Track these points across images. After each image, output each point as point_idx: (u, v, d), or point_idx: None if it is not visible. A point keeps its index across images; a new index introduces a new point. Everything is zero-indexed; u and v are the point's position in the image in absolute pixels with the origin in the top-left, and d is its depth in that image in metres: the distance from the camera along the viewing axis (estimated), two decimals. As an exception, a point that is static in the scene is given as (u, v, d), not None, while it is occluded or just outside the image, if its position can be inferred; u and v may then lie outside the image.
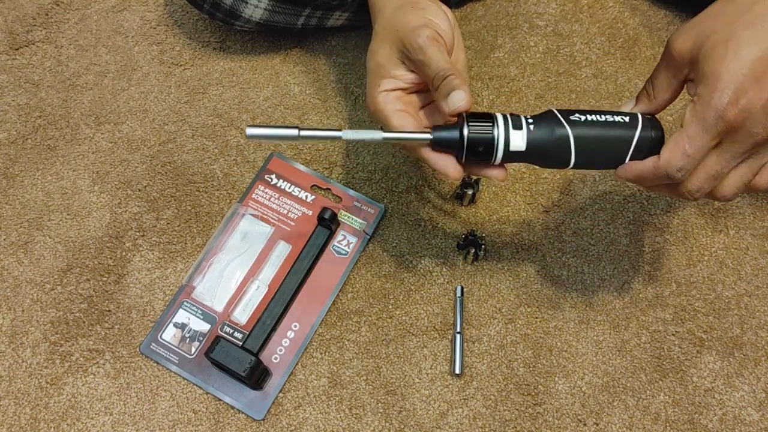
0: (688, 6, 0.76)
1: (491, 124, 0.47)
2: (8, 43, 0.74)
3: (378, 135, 0.46)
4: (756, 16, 0.43)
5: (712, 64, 0.43)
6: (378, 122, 0.51)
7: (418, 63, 0.48)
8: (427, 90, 0.52)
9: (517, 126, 0.47)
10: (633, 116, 0.48)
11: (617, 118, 0.48)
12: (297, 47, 0.74)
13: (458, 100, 0.47)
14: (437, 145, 0.47)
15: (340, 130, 0.46)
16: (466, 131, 0.46)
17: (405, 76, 0.50)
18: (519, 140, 0.47)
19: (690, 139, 0.44)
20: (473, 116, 0.47)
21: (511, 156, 0.47)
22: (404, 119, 0.49)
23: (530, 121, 0.47)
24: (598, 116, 0.48)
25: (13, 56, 0.74)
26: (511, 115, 0.47)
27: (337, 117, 0.70)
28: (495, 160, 0.47)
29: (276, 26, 0.69)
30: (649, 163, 0.46)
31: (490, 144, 0.46)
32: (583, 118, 0.47)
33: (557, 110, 0.48)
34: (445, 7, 0.51)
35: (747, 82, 0.43)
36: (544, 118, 0.47)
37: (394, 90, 0.51)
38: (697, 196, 0.46)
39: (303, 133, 0.45)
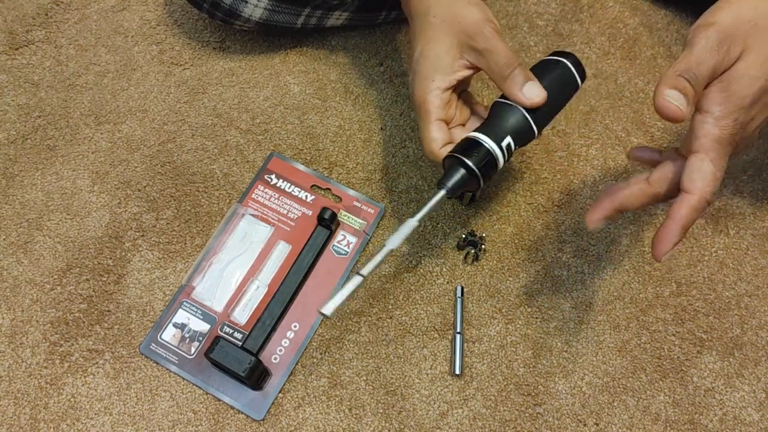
0: (688, 6, 0.76)
1: (478, 143, 0.50)
2: (8, 43, 0.74)
3: (413, 223, 0.50)
4: None
5: (743, 86, 0.43)
6: (417, 113, 0.53)
7: (485, 53, 0.51)
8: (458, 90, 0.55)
9: (491, 131, 0.51)
10: (569, 72, 0.52)
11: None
12: (297, 47, 0.74)
13: (536, 93, 0.50)
14: (452, 192, 0.50)
15: (385, 245, 0.50)
16: (470, 162, 0.49)
17: (461, 72, 0.53)
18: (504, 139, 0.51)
19: (717, 164, 0.44)
20: (459, 150, 0.50)
21: (509, 150, 0.51)
22: (439, 131, 0.52)
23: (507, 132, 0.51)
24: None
25: (13, 56, 0.74)
26: (477, 130, 0.51)
27: (336, 117, 0.70)
28: (499, 164, 0.51)
29: (276, 26, 0.68)
30: (684, 209, 0.44)
31: (491, 156, 0.50)
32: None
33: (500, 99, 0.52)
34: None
35: (754, 107, 0.44)
36: (499, 110, 0.52)
37: (446, 90, 0.53)
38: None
39: (364, 272, 0.49)
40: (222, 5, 0.66)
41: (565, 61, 0.52)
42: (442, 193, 0.50)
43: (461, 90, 0.57)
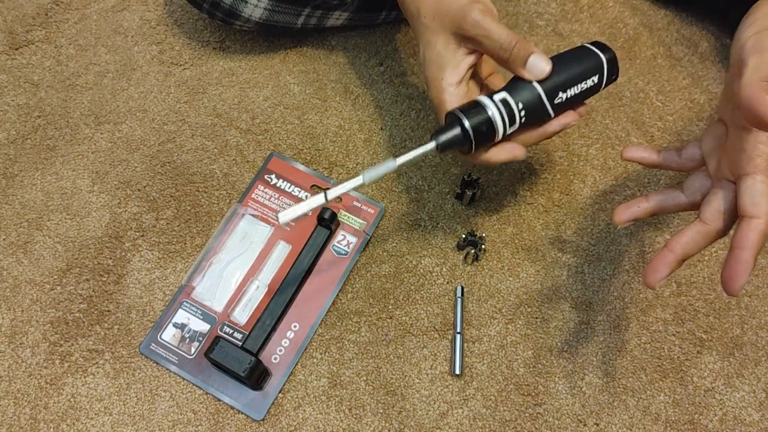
0: (688, 6, 0.76)
1: (481, 106, 0.49)
2: (8, 43, 0.74)
3: (393, 164, 0.49)
4: None
5: None
6: (439, 117, 0.52)
7: (478, 38, 0.48)
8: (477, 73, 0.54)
9: (498, 96, 0.49)
10: (596, 56, 0.51)
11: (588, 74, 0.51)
12: (297, 47, 0.74)
13: (543, 65, 0.48)
14: (442, 148, 0.49)
15: (359, 175, 0.48)
16: (467, 123, 0.48)
17: (466, 61, 0.51)
18: (511, 107, 0.49)
19: None
20: (461, 109, 0.49)
21: (511, 124, 0.50)
22: None
23: (505, 91, 0.49)
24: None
25: (13, 56, 0.74)
26: (487, 95, 0.50)
27: (336, 117, 0.70)
28: (497, 137, 0.49)
29: (276, 26, 0.69)
30: (754, 235, 0.41)
31: (490, 123, 0.48)
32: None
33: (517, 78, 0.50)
34: None
35: None
36: (514, 80, 0.50)
37: (458, 83, 0.51)
38: None
39: (330, 195, 0.48)
40: (222, 5, 0.66)
41: (586, 44, 0.52)
42: (432, 145, 0.49)
43: (488, 75, 0.55)
